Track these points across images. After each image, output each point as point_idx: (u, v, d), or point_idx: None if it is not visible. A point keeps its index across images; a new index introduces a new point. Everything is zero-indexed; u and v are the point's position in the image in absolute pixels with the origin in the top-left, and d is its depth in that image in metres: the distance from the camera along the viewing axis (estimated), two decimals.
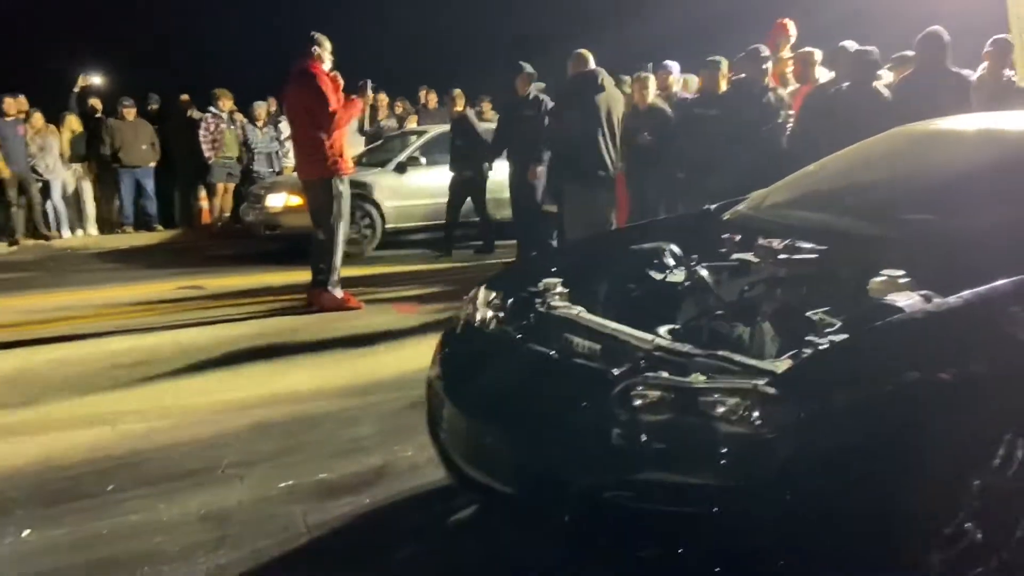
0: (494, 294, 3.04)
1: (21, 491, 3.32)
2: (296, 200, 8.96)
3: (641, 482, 2.14)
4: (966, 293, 2.24)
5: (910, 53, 6.27)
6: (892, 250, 2.63)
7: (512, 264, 5.40)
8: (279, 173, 11.06)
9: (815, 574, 2.08)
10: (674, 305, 2.89)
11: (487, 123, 9.16)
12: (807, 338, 2.29)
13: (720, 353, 2.30)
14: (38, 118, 10.25)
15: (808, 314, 2.43)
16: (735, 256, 2.96)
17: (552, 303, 2.81)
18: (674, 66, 7.92)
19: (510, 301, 2.95)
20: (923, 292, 2.30)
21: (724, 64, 6.69)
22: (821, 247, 2.76)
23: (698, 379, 2.18)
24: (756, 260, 2.86)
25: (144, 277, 8.10)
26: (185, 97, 11.18)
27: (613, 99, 6.81)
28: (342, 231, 6.25)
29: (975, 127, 3.62)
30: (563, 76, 7.12)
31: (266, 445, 3.73)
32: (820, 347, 2.20)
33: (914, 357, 2.17)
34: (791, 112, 6.14)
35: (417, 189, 9.24)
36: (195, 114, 10.91)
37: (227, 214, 11.14)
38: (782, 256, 2.76)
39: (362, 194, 9.00)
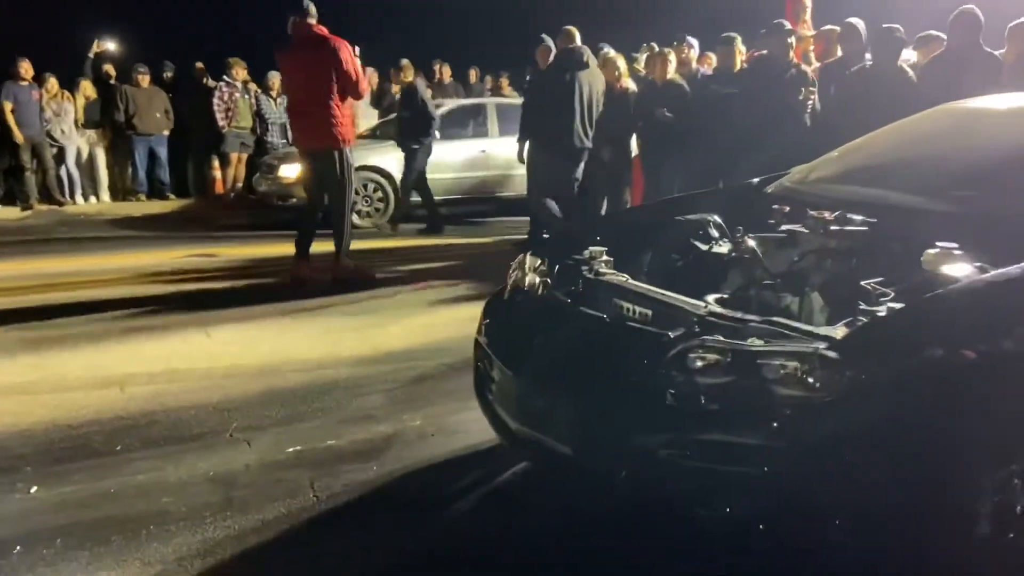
0: (540, 260, 3.08)
1: (30, 449, 3.33)
2: None
3: (698, 441, 2.20)
4: None
5: (935, 33, 6.15)
6: (943, 224, 2.64)
7: (554, 233, 5.31)
8: (293, 143, 11.00)
9: (866, 536, 2.09)
10: (720, 275, 2.93)
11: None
12: (861, 307, 2.31)
13: (774, 319, 2.35)
14: (53, 83, 10.22)
15: (862, 284, 2.45)
16: (784, 228, 2.98)
17: (599, 270, 2.84)
18: (694, 42, 7.80)
19: (556, 268, 2.99)
20: (977, 264, 2.33)
21: (739, 40, 6.57)
22: (871, 220, 2.79)
23: (756, 343, 2.23)
24: (806, 231, 2.88)
25: (157, 244, 8.10)
26: (200, 65, 11.11)
27: (594, 77, 6.83)
28: (350, 201, 6.24)
29: (1021, 105, 3.59)
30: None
31: (274, 411, 3.72)
32: (880, 314, 2.23)
33: (974, 325, 2.20)
34: (813, 89, 6.03)
35: (431, 163, 9.17)
36: (209, 83, 10.85)
37: (240, 184, 11.10)
38: (834, 228, 2.79)
39: (375, 166, 8.97)
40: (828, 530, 2.10)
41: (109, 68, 10.94)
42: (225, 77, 10.70)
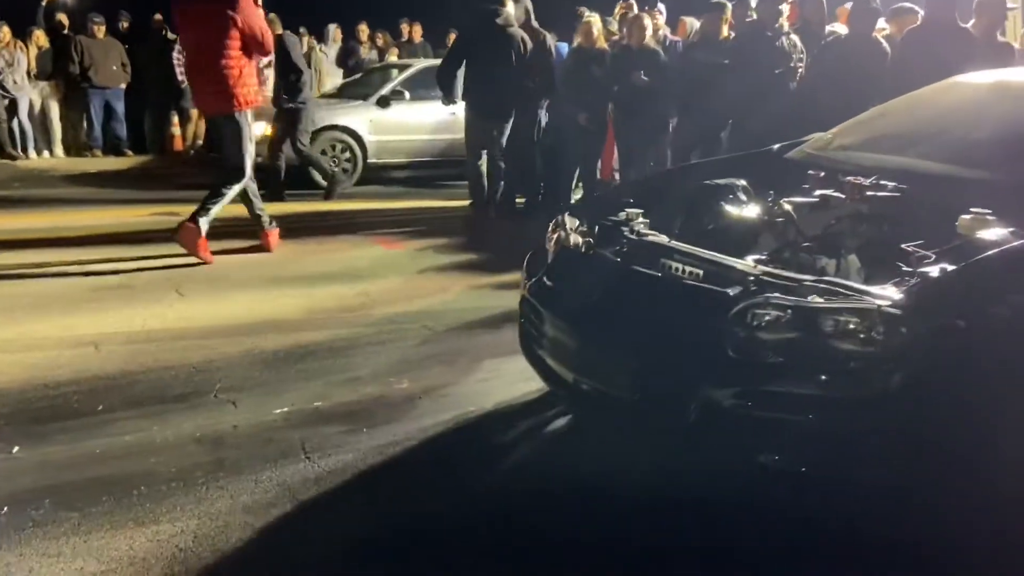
0: (578, 222, 3.17)
1: (7, 408, 3.25)
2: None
3: (760, 392, 2.35)
4: None
5: (908, 5, 6.23)
6: (974, 191, 2.75)
7: (587, 196, 5.23)
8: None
9: (923, 486, 2.26)
10: (752, 237, 3.02)
11: None
12: (903, 269, 2.43)
13: (826, 278, 2.48)
14: (6, 32, 9.80)
15: (902, 247, 2.55)
16: (818, 192, 3.04)
17: (640, 231, 2.92)
18: (663, 8, 7.78)
19: (596, 228, 3.07)
20: (1011, 229, 2.45)
21: (728, 9, 6.56)
22: (903, 186, 2.90)
23: (817, 300, 2.33)
24: (841, 196, 2.96)
25: (118, 202, 7.88)
26: (159, 17, 10.74)
27: (520, 37, 6.82)
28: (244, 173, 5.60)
29: None
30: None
31: (257, 372, 3.68)
32: (932, 275, 2.33)
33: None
34: (803, 57, 6.04)
35: (401, 124, 9.05)
36: (169, 35, 10.50)
37: (200, 142, 10.83)
38: (869, 193, 2.90)
39: (343, 126, 8.82)
40: (883, 477, 2.26)
41: (62, 17, 10.52)
42: None
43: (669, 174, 3.84)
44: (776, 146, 3.77)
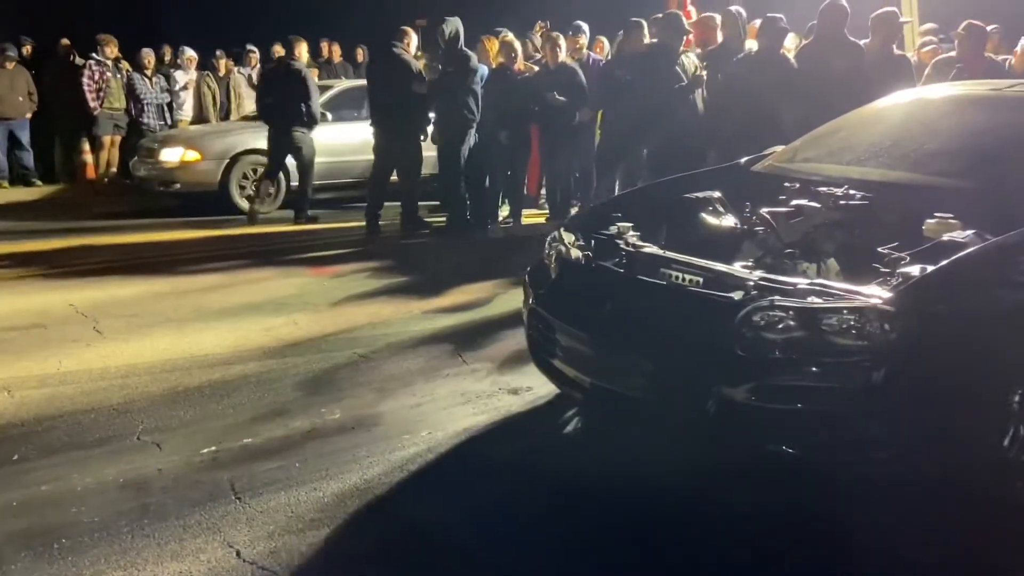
0: (574, 236, 3.35)
1: None
2: (193, 155, 8.58)
3: (771, 387, 2.58)
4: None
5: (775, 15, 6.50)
6: (936, 197, 3.06)
7: (579, 211, 5.34)
8: (172, 126, 10.51)
9: (916, 463, 2.53)
10: (734, 246, 3.23)
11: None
12: (881, 270, 2.68)
13: (818, 281, 2.72)
14: None
15: (879, 250, 2.79)
16: (794, 202, 3.25)
17: (634, 243, 3.11)
18: (586, 27, 7.92)
19: (592, 242, 3.26)
20: (973, 231, 2.73)
21: (646, 27, 6.72)
22: (870, 195, 3.18)
23: (817, 301, 2.57)
24: (816, 205, 3.18)
25: (28, 234, 7.54)
26: (66, 42, 10.39)
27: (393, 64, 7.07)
28: None
29: (985, 92, 4.09)
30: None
31: (182, 411, 3.58)
32: (916, 274, 2.57)
33: (1003, 277, 2.69)
34: (703, 74, 6.26)
35: (324, 146, 8.92)
36: (77, 60, 10.16)
37: (114, 169, 10.50)
38: (842, 201, 3.15)
39: (265, 150, 8.67)
40: (884, 457, 2.52)
41: None
42: (94, 55, 10.06)
43: (649, 189, 4.04)
44: (743, 160, 4.04)
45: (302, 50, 8.44)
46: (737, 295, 2.70)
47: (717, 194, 3.49)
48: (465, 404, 3.63)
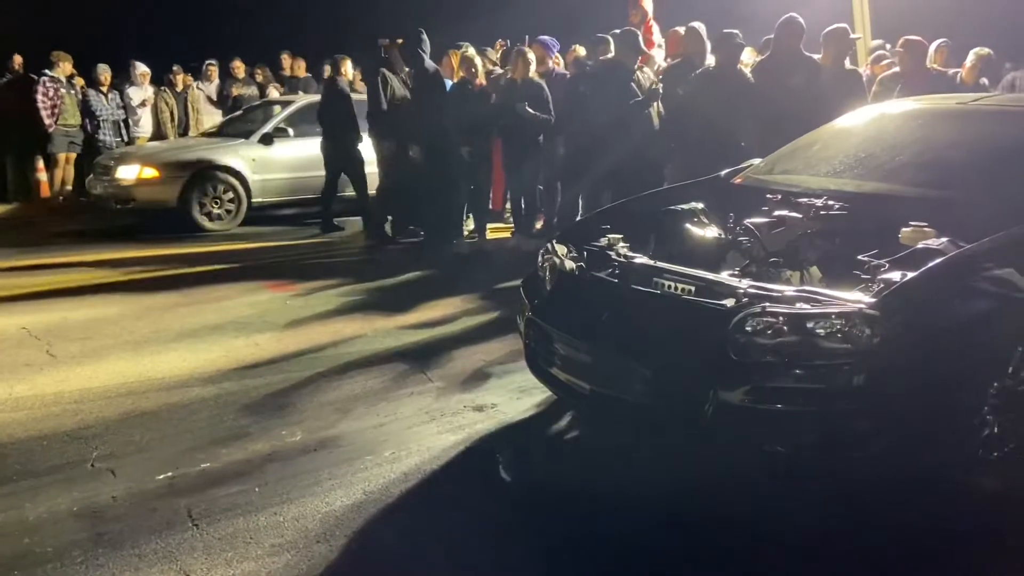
0: (566, 248, 3.44)
1: None
2: (151, 172, 8.46)
3: (765, 390, 2.69)
4: (996, 236, 2.87)
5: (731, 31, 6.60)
6: (911, 207, 3.21)
7: (570, 224, 5.38)
8: (128, 143, 10.35)
9: (900, 455, 2.68)
10: (719, 255, 3.33)
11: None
12: (862, 276, 2.82)
13: (804, 288, 2.86)
14: None
15: (859, 257, 2.94)
16: (777, 213, 3.36)
17: (626, 254, 3.22)
18: (554, 43, 7.95)
19: (585, 253, 3.36)
20: (947, 239, 2.87)
21: (612, 42, 6.75)
22: (848, 205, 3.32)
23: (806, 307, 2.69)
24: (797, 215, 3.30)
25: None
26: (18, 58, 10.19)
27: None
28: None
29: (952, 107, 4.29)
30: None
31: (138, 435, 3.50)
32: (897, 279, 2.71)
33: (974, 284, 2.83)
34: (659, 88, 6.31)
35: (285, 161, 8.87)
36: (31, 75, 9.96)
37: (69, 187, 10.30)
38: (822, 212, 3.28)
39: (224, 166, 8.58)
40: (874, 452, 2.65)
41: None
42: (47, 71, 9.87)
43: (634, 202, 4.08)
44: (723, 172, 4.16)
45: (347, 67, 8.62)
46: (729, 302, 2.81)
47: (700, 206, 3.60)
48: (430, 422, 3.60)
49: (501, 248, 7.53)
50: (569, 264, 3.34)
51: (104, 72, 10.32)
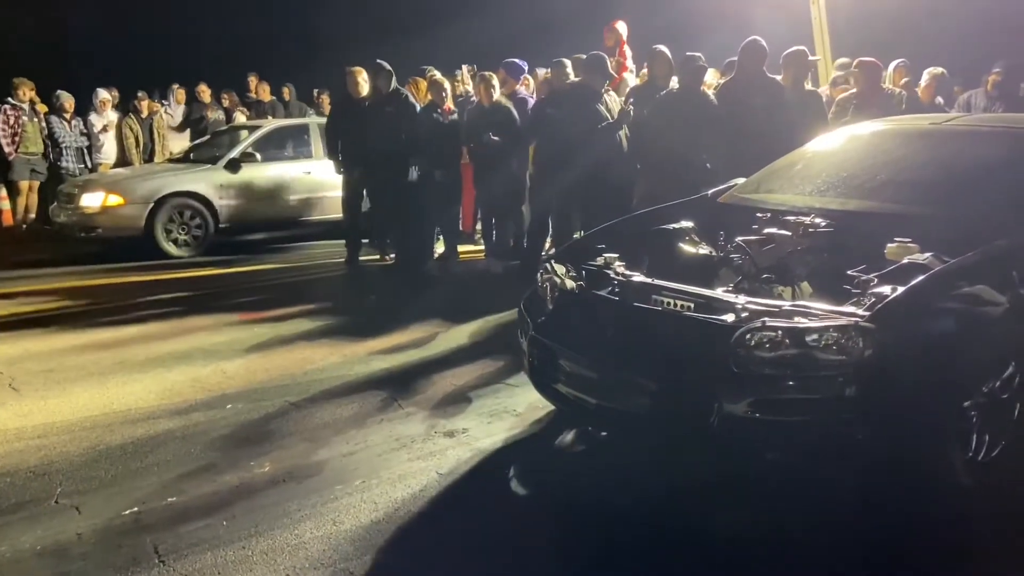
0: (565, 267, 3.54)
1: None
2: (115, 199, 8.37)
3: (767, 401, 2.80)
4: (977, 251, 2.99)
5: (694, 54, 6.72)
6: (894, 223, 3.34)
7: (566, 244, 5.35)
8: (92, 170, 10.24)
9: (900, 454, 2.78)
10: (712, 272, 3.44)
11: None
12: (852, 291, 2.94)
13: (799, 303, 2.97)
14: None
15: (848, 272, 3.07)
16: (766, 231, 3.49)
17: (623, 272, 3.34)
18: (522, 65, 8.00)
19: (583, 272, 3.47)
20: (931, 254, 2.99)
21: (568, 65, 6.83)
22: (834, 222, 3.45)
23: (802, 321, 2.80)
24: (786, 233, 3.42)
25: None
26: None
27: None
28: None
29: (927, 127, 4.43)
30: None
31: (103, 470, 3.44)
32: (887, 292, 2.82)
33: (960, 296, 2.94)
34: (631, 111, 6.38)
35: (253, 187, 8.83)
36: None
37: (32, 215, 10.15)
38: (810, 229, 3.41)
39: (191, 192, 8.52)
40: (873, 456, 2.76)
41: None
42: (9, 99, 9.75)
43: (625, 222, 4.18)
44: (709, 191, 4.30)
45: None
46: (729, 318, 2.92)
47: (690, 224, 3.71)
48: (400, 450, 3.58)
49: (472, 271, 7.55)
50: (569, 283, 3.44)
51: (67, 99, 10.23)
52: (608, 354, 3.20)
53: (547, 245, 7.25)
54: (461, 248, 7.89)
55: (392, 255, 7.86)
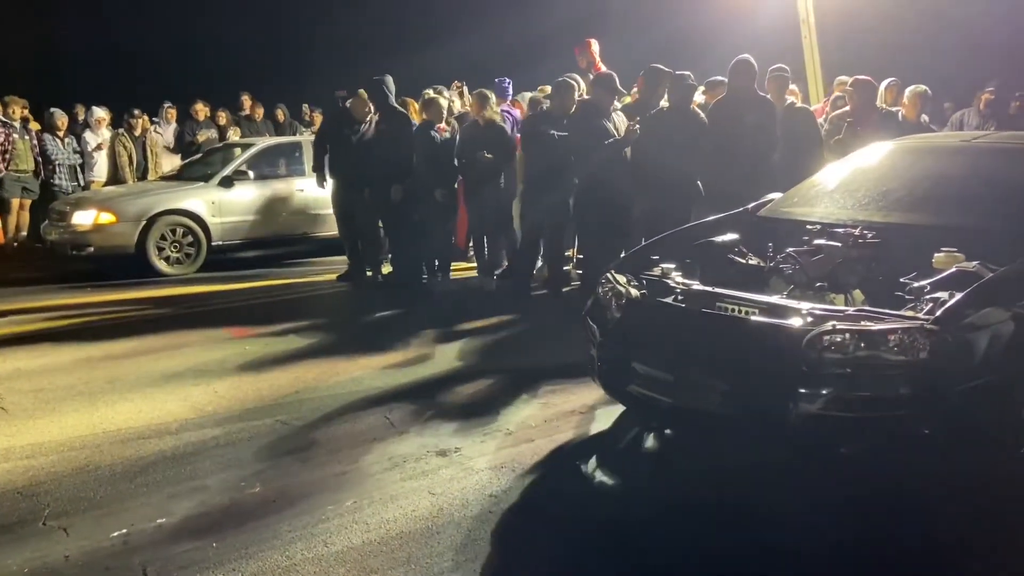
0: (625, 277, 3.74)
1: None
2: (107, 217, 8.35)
3: (839, 399, 2.98)
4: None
5: (721, 78, 6.77)
6: (939, 235, 3.51)
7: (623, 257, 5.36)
8: (85, 187, 10.22)
9: (960, 452, 2.96)
10: (763, 282, 3.66)
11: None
12: (905, 297, 3.20)
13: (862, 308, 3.18)
14: None
15: (902, 280, 3.33)
16: (816, 242, 3.72)
17: (683, 281, 3.55)
18: (507, 84, 8.05)
19: (644, 282, 3.68)
20: (978, 262, 3.22)
21: (575, 89, 6.77)
22: (878, 234, 3.65)
23: (869, 324, 3.00)
24: (836, 244, 3.62)
25: None
26: None
27: None
28: None
29: (957, 144, 4.69)
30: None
31: (91, 491, 3.41)
32: (946, 298, 3.04)
33: (1016, 298, 3.11)
34: (637, 128, 6.38)
35: (245, 204, 8.83)
36: None
37: (24, 232, 10.11)
38: (859, 240, 3.61)
39: (183, 210, 8.51)
40: (937, 450, 2.93)
41: None
42: (0, 116, 9.73)
43: (672, 236, 4.33)
44: (750, 206, 4.49)
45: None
46: (796, 322, 3.11)
47: (736, 236, 3.96)
48: (392, 469, 3.56)
49: (464, 288, 7.55)
50: (634, 291, 3.63)
51: (60, 117, 10.23)
52: (681, 357, 3.38)
53: (538, 263, 7.27)
54: (453, 264, 7.89)
55: (382, 273, 7.86)
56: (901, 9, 9.99)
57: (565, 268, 7.12)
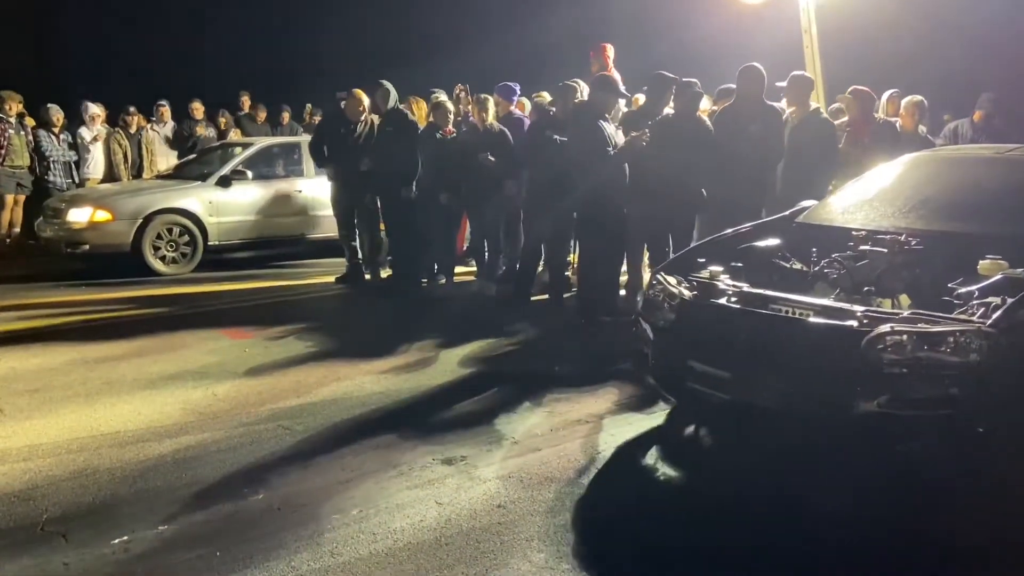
0: (675, 279, 3.83)
1: None
2: (103, 215, 8.27)
3: (897, 398, 3.06)
4: None
5: (731, 86, 6.73)
6: (982, 242, 3.60)
7: (670, 259, 5.29)
8: (80, 185, 10.12)
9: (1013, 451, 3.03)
10: (807, 286, 3.76)
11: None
12: (954, 302, 3.29)
13: (917, 311, 3.26)
14: None
15: (949, 285, 3.42)
16: (861, 248, 3.83)
17: (733, 284, 3.65)
18: (515, 88, 7.99)
19: (694, 283, 3.77)
20: (1021, 269, 3.30)
21: (577, 91, 6.73)
22: (922, 241, 3.74)
23: (925, 326, 3.10)
24: (882, 250, 3.72)
25: None
26: None
27: None
28: None
29: (990, 155, 4.73)
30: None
31: (91, 496, 3.34)
32: (998, 301, 3.14)
33: None
34: (643, 140, 6.33)
35: (243, 204, 8.76)
36: None
37: (17, 229, 10.00)
38: (904, 247, 3.70)
39: (180, 209, 8.44)
40: (992, 446, 3.00)
41: None
42: None
43: (715, 242, 4.43)
44: (787, 212, 4.62)
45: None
46: (852, 323, 3.20)
47: (778, 242, 4.08)
48: (397, 477, 3.50)
49: (465, 292, 7.49)
50: (686, 292, 3.72)
51: (56, 113, 10.12)
52: (738, 356, 3.47)
53: (540, 268, 7.22)
54: (456, 269, 7.84)
55: (380, 274, 7.80)
56: (905, 17, 10.00)
57: (566, 274, 7.07)
